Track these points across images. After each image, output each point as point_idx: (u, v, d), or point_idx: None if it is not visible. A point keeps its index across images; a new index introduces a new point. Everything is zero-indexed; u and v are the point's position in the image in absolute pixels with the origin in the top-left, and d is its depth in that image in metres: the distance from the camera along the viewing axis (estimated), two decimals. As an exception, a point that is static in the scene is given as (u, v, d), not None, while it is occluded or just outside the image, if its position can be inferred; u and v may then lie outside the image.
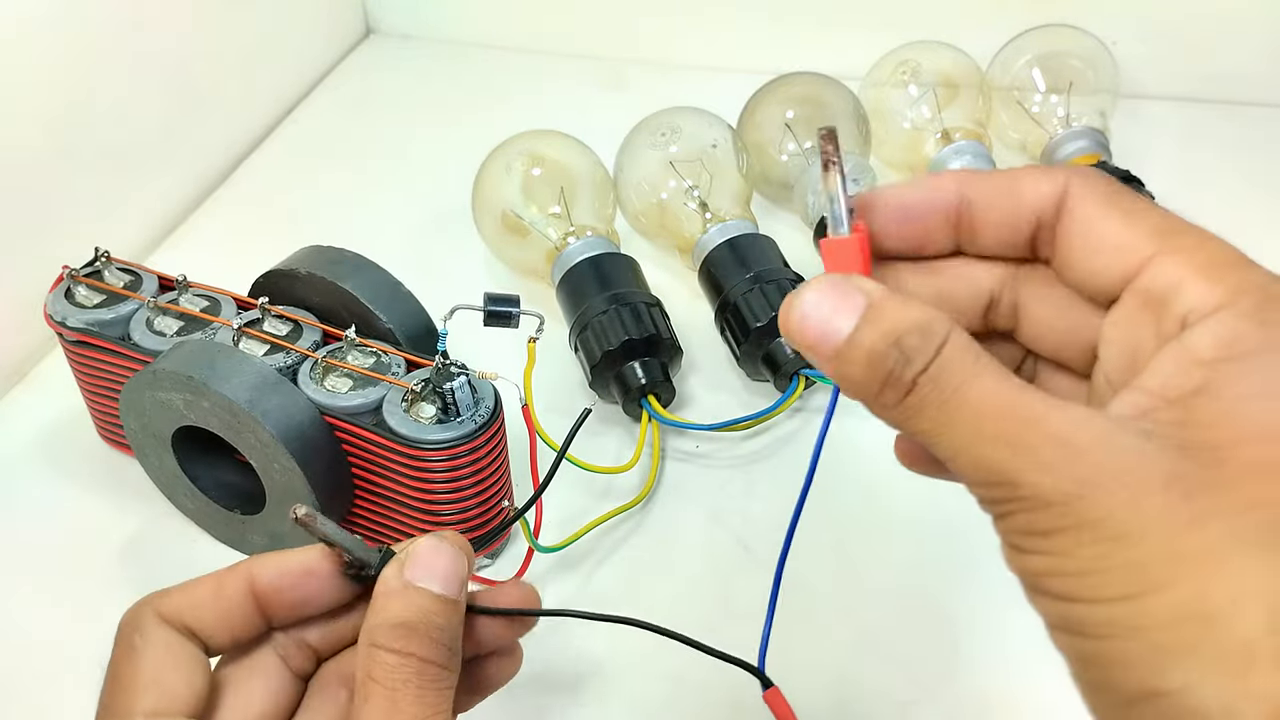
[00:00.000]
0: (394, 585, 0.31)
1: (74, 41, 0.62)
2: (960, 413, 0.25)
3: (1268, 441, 0.23)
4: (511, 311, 0.45)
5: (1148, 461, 0.23)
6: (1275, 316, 0.24)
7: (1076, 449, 0.24)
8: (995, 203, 0.29)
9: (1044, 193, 0.28)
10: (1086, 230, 0.27)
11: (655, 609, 0.47)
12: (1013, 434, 0.24)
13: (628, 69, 0.83)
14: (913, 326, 0.26)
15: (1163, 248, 0.27)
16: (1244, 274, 0.26)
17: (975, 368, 0.25)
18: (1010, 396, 0.25)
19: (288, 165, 0.77)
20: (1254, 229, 0.68)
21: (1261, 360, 0.24)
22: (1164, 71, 0.75)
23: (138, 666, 0.31)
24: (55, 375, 0.58)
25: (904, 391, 0.26)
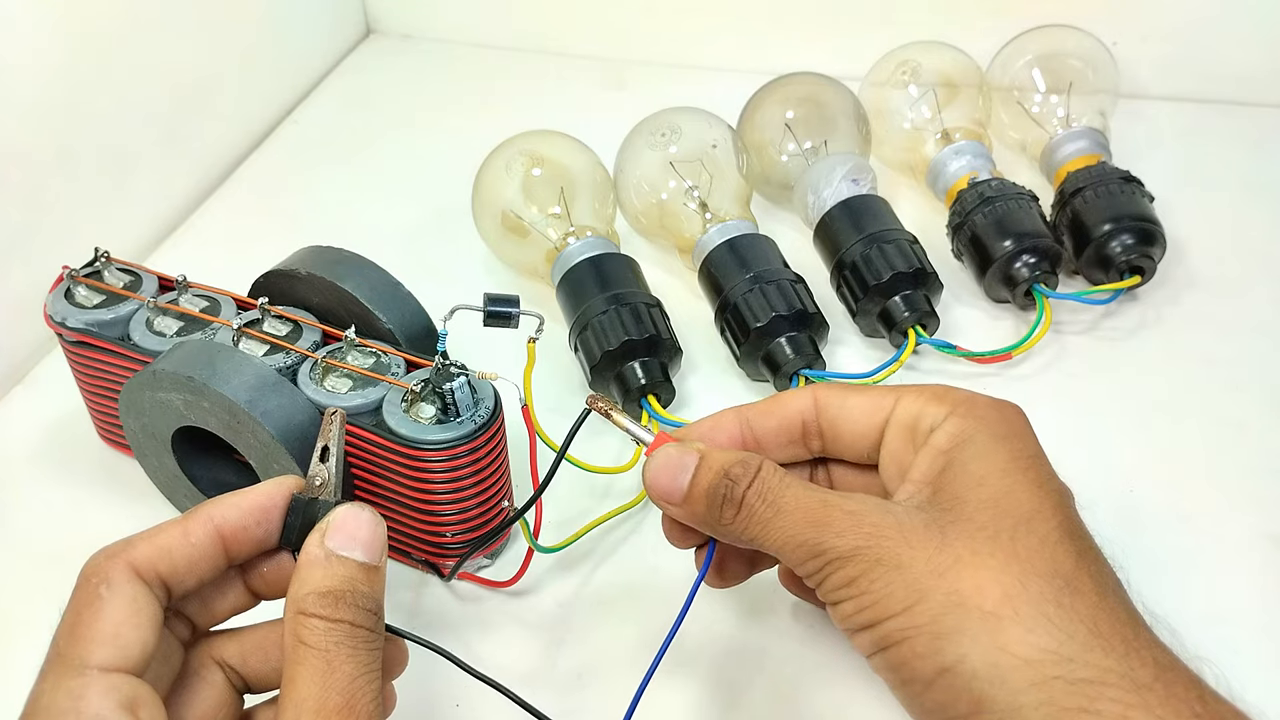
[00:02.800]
0: (317, 554, 0.33)
1: (74, 41, 0.62)
2: (779, 512, 0.35)
3: (984, 485, 0.35)
4: (511, 312, 0.45)
5: (911, 515, 0.34)
6: (979, 413, 0.37)
7: (860, 515, 0.34)
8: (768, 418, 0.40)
9: (802, 401, 0.40)
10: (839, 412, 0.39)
11: (655, 609, 0.47)
12: (817, 517, 0.35)
13: (628, 69, 0.83)
14: (735, 460, 0.37)
15: (899, 396, 0.38)
16: (956, 394, 0.38)
17: (785, 480, 0.36)
18: (812, 494, 0.35)
19: (288, 165, 0.77)
20: (1254, 229, 0.69)
21: (975, 438, 0.36)
22: (1164, 71, 0.75)
23: (99, 618, 0.31)
24: (55, 375, 0.58)
25: (736, 506, 0.36)
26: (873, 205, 0.60)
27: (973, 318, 0.60)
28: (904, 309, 0.56)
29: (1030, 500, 0.34)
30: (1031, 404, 0.55)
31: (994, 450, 0.35)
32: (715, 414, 0.41)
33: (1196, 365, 0.57)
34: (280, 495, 0.35)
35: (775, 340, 0.54)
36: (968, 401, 0.37)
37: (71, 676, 0.30)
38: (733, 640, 0.46)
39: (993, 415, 0.37)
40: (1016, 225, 0.58)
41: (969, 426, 0.36)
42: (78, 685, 0.30)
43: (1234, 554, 0.48)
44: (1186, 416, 0.55)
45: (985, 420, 0.36)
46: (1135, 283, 0.58)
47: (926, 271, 0.57)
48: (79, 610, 0.32)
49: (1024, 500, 0.34)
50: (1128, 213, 0.58)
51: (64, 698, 0.30)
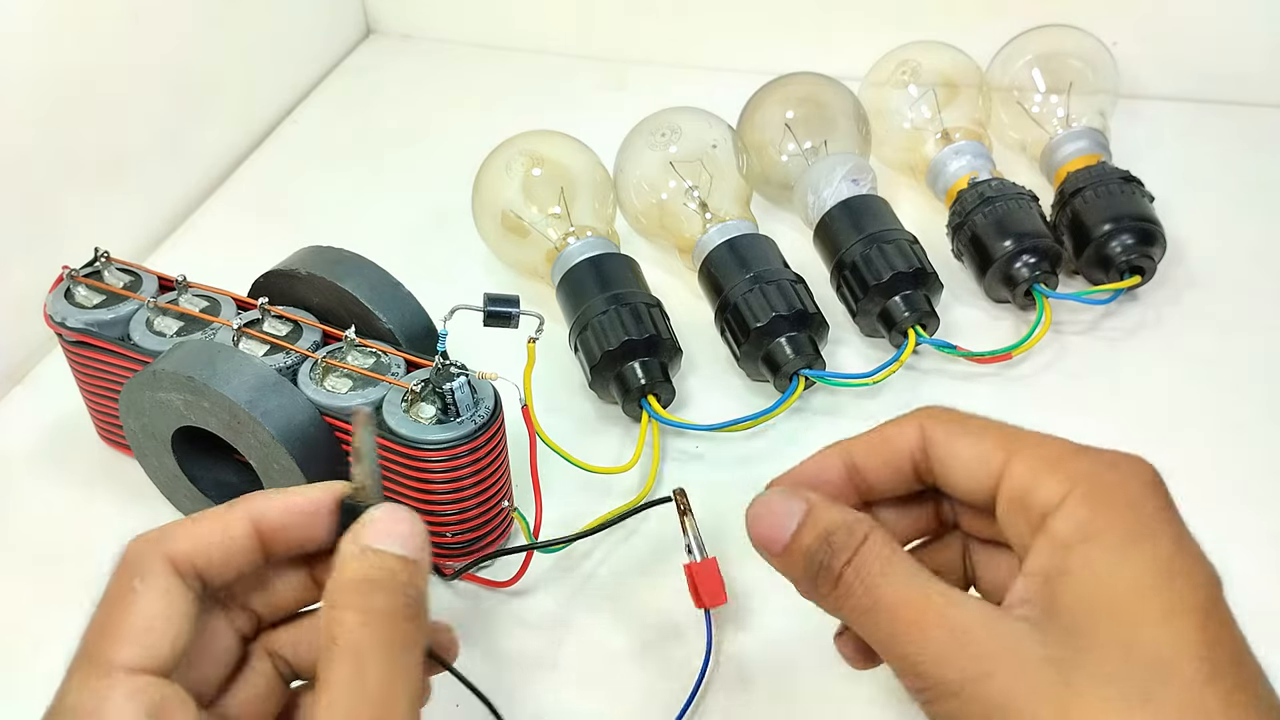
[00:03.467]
0: (352, 549, 0.31)
1: (74, 41, 0.62)
2: (876, 603, 0.31)
3: (1114, 615, 0.29)
4: (511, 312, 0.45)
5: (1029, 646, 0.29)
6: (1105, 496, 0.31)
7: (968, 637, 0.29)
8: (875, 456, 0.35)
9: (909, 437, 0.35)
10: (948, 456, 0.34)
11: (655, 609, 0.47)
12: (918, 625, 0.30)
13: (628, 69, 0.83)
14: (840, 525, 0.32)
15: (1011, 453, 0.32)
16: (1076, 463, 0.31)
17: (890, 563, 0.31)
18: (913, 590, 0.31)
19: (288, 165, 0.77)
20: (1254, 229, 0.69)
21: (1102, 539, 0.30)
22: (1164, 71, 0.75)
23: (130, 613, 0.30)
24: (55, 375, 0.58)
25: (833, 581, 0.32)
26: (873, 205, 0.60)
27: (973, 318, 0.60)
28: (904, 309, 0.56)
29: (1169, 637, 0.28)
30: (1031, 404, 0.55)
31: (1125, 560, 0.30)
32: (819, 453, 0.36)
33: (1197, 365, 0.57)
34: (327, 500, 0.33)
35: (775, 340, 0.54)
36: (1089, 478, 0.31)
37: (98, 677, 0.29)
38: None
39: (1119, 501, 0.31)
40: (1016, 225, 0.58)
41: (1094, 520, 0.30)
42: (103, 687, 0.29)
43: (1235, 554, 0.48)
44: (1186, 416, 0.55)
45: (1111, 510, 0.30)
46: (1135, 283, 0.58)
47: (926, 271, 0.57)
48: (111, 604, 0.31)
49: (1163, 638, 0.28)
50: (1128, 213, 0.58)
51: (89, 699, 0.29)
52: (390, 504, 0.33)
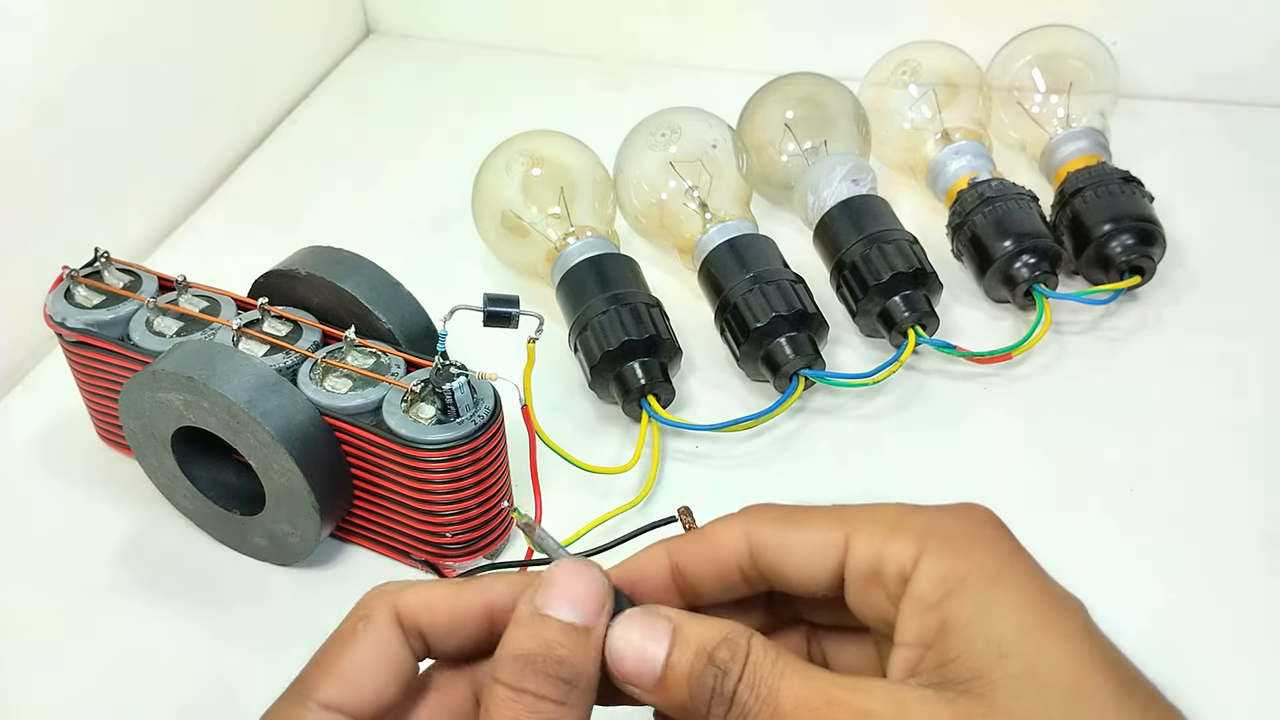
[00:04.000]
0: (524, 612, 0.30)
1: (74, 41, 0.62)
2: (777, 712, 0.28)
3: (1006, 656, 0.27)
4: (511, 312, 0.45)
5: (937, 711, 0.27)
6: (956, 545, 0.29)
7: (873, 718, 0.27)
8: (700, 563, 0.32)
9: (734, 541, 0.32)
10: (779, 555, 0.31)
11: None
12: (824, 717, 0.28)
13: (628, 69, 0.83)
14: (719, 640, 0.29)
15: (849, 530, 0.31)
16: (916, 522, 0.30)
17: (779, 666, 0.29)
18: (812, 686, 0.29)
19: (288, 165, 0.77)
20: (1254, 229, 0.69)
21: (967, 586, 0.28)
22: (1164, 71, 0.75)
23: (345, 653, 0.30)
24: (55, 375, 0.58)
25: (727, 704, 0.29)
26: (873, 205, 0.60)
27: (973, 318, 0.60)
28: (904, 309, 0.56)
29: (1067, 661, 0.28)
30: (1031, 404, 0.55)
31: (997, 599, 0.28)
32: (641, 552, 0.33)
33: (1196, 365, 0.57)
34: None
35: (775, 340, 0.54)
36: (934, 531, 0.30)
37: (293, 704, 0.30)
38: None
39: (975, 546, 0.30)
40: (1016, 225, 0.58)
41: (955, 569, 0.29)
42: (294, 714, 0.29)
43: (1234, 554, 0.48)
44: (1186, 416, 0.55)
45: (970, 555, 0.29)
46: (1135, 283, 0.58)
47: (926, 271, 0.57)
48: (333, 641, 0.31)
49: (1061, 664, 0.28)
50: (1128, 213, 0.58)
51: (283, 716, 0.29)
52: (575, 558, 0.32)
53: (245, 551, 0.50)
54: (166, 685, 0.46)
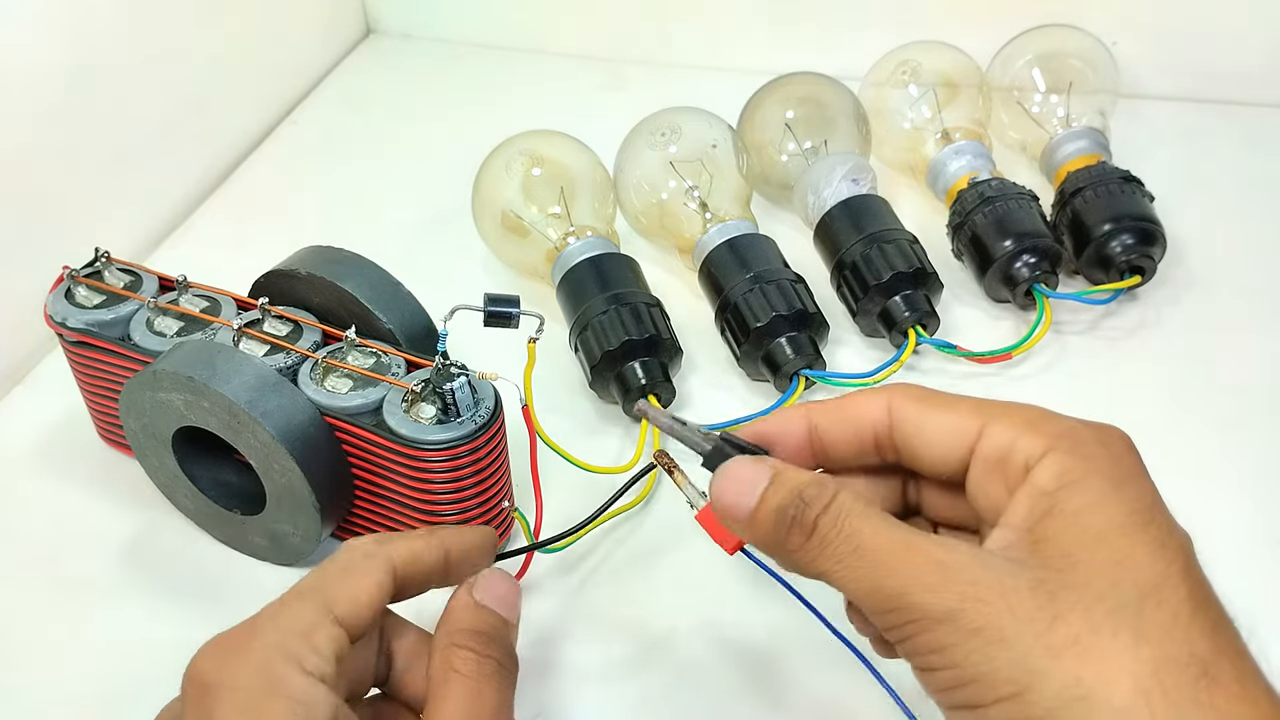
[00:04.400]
0: (468, 601, 0.38)
1: (74, 41, 0.62)
2: (856, 549, 0.31)
3: (1101, 544, 0.29)
4: (511, 312, 0.45)
5: (1014, 572, 0.29)
6: (1086, 450, 0.31)
7: (953, 568, 0.29)
8: (837, 425, 0.36)
9: (875, 411, 0.35)
10: (916, 430, 0.34)
11: (655, 609, 0.47)
12: (901, 562, 0.30)
13: (628, 69, 0.83)
14: (810, 481, 0.33)
15: (987, 420, 0.33)
16: (1054, 424, 0.32)
17: (865, 511, 0.32)
18: (894, 532, 0.31)
19: (288, 165, 0.77)
20: (1254, 229, 0.69)
21: (1085, 483, 0.30)
22: (1164, 71, 0.75)
23: (355, 582, 0.35)
24: (55, 375, 0.58)
25: (808, 532, 0.32)
26: (873, 205, 0.60)
27: (973, 318, 0.60)
28: (904, 309, 0.56)
29: (1156, 565, 0.29)
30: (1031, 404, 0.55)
31: (1110, 500, 0.30)
32: (782, 412, 0.37)
33: (1197, 365, 0.57)
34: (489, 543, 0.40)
35: (775, 340, 0.54)
36: (1069, 434, 0.32)
37: (314, 610, 0.34)
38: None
39: (1102, 455, 0.31)
40: (1016, 225, 0.58)
41: (1077, 467, 0.31)
42: (316, 619, 0.33)
43: (1234, 554, 0.48)
44: (1187, 416, 0.55)
45: (1095, 460, 0.31)
46: (1135, 283, 0.58)
47: (926, 271, 0.57)
48: (343, 569, 0.35)
49: (1148, 565, 0.29)
50: (1128, 213, 0.58)
51: (303, 619, 0.33)
52: (496, 569, 0.39)
53: (246, 551, 0.50)
54: (167, 685, 0.46)
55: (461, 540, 0.39)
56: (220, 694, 0.32)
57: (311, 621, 0.33)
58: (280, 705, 0.31)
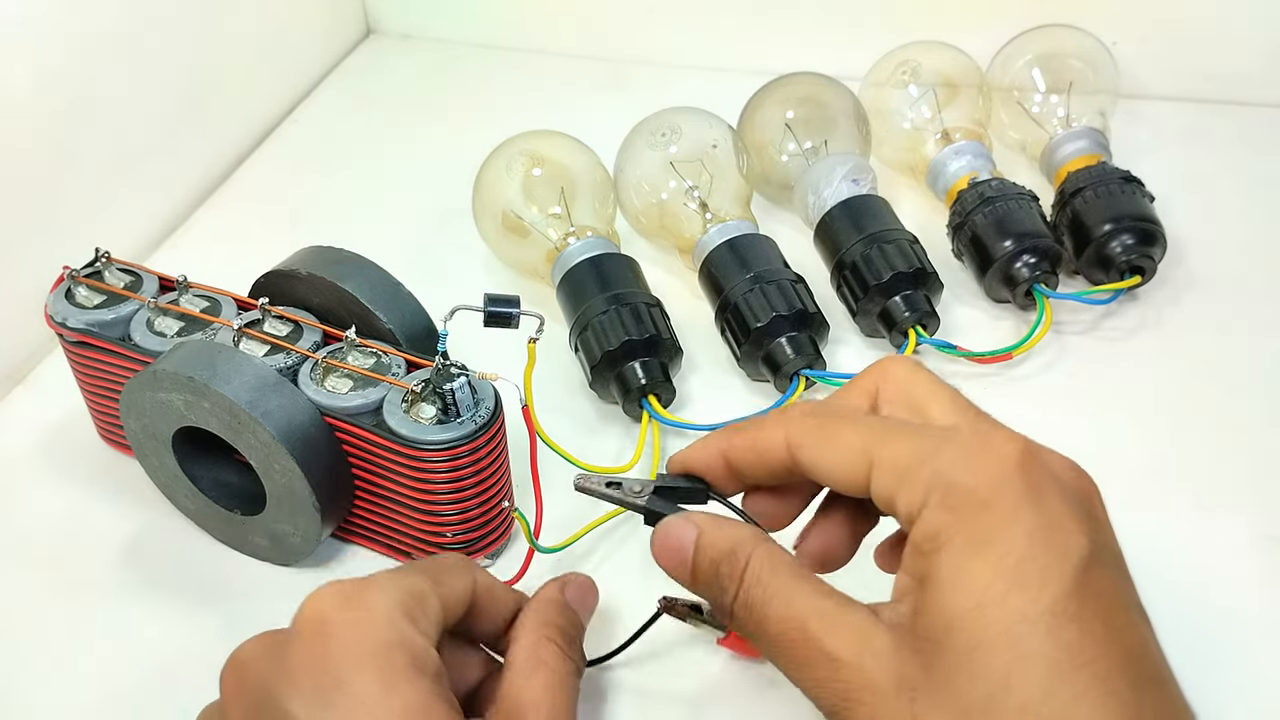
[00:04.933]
0: (558, 598, 0.41)
1: (74, 41, 0.62)
2: (764, 634, 0.33)
3: (958, 629, 0.29)
4: (511, 312, 0.45)
5: (885, 668, 0.30)
6: (954, 500, 0.31)
7: (837, 665, 0.31)
8: (748, 456, 0.37)
9: (776, 446, 0.36)
10: (815, 468, 0.35)
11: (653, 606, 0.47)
12: (795, 650, 0.32)
13: (628, 69, 0.83)
14: (725, 553, 0.35)
15: (873, 459, 0.33)
16: (929, 468, 0.32)
17: (770, 590, 0.33)
18: (794, 619, 0.32)
19: (288, 165, 0.77)
20: (1254, 229, 0.69)
21: (951, 546, 0.30)
22: (1164, 71, 0.75)
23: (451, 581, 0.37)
24: (55, 375, 0.58)
25: (729, 615, 0.34)
26: (873, 205, 0.60)
27: (973, 318, 0.60)
28: (904, 309, 0.56)
29: (1009, 648, 0.29)
30: (1031, 404, 0.55)
31: (971, 569, 0.30)
32: (702, 441, 0.39)
33: (1197, 365, 0.57)
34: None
35: (775, 340, 0.54)
36: (939, 485, 0.31)
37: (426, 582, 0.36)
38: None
39: (968, 505, 0.31)
40: (1016, 225, 0.58)
41: (947, 526, 0.31)
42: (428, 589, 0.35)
43: (1234, 554, 0.48)
44: (1187, 417, 0.55)
45: (960, 515, 0.31)
46: (1135, 283, 0.58)
47: (926, 271, 0.57)
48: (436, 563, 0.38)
49: (1001, 652, 0.29)
50: (1128, 213, 0.58)
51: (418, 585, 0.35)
52: (587, 577, 0.43)
53: (246, 551, 0.50)
54: (167, 685, 0.46)
55: (490, 583, 0.40)
56: (342, 634, 0.32)
57: (424, 589, 0.35)
58: (400, 655, 0.32)
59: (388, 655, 0.32)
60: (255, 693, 0.33)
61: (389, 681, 0.32)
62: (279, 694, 0.32)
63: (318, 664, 0.32)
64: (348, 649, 0.32)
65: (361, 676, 0.31)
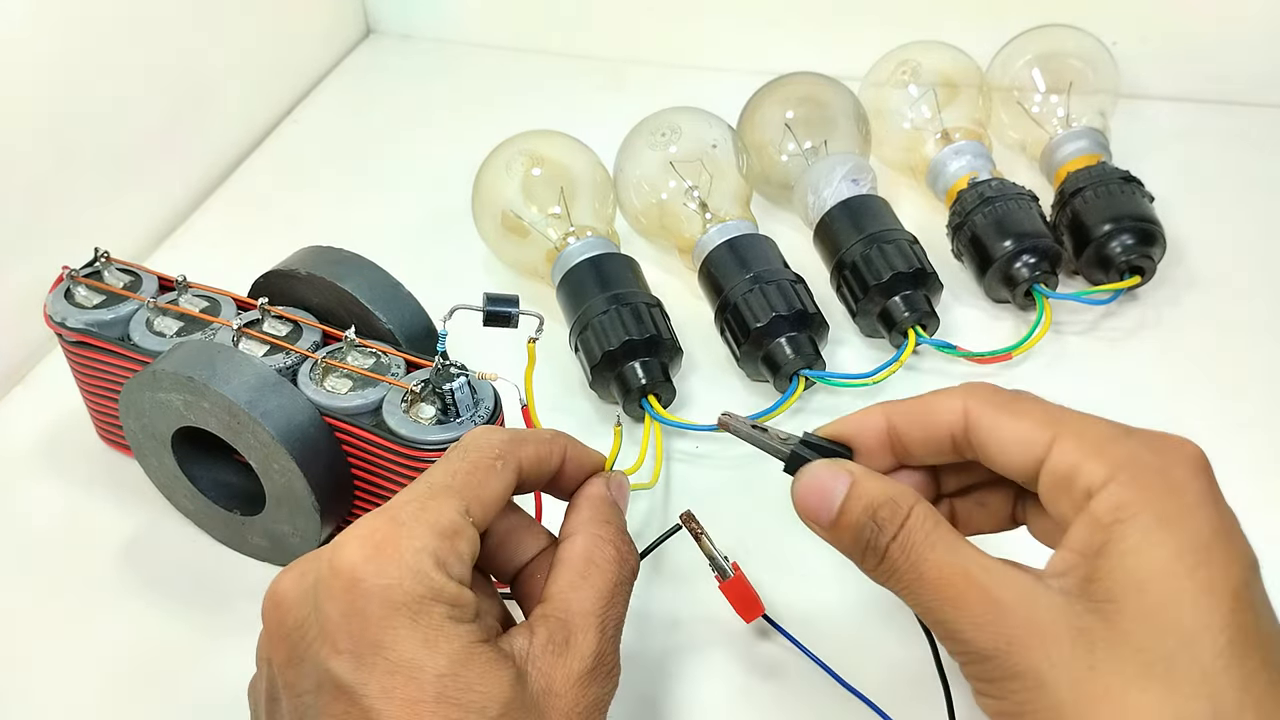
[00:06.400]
0: (607, 495, 0.40)
1: (74, 41, 0.62)
2: (920, 577, 0.33)
3: (1143, 591, 0.30)
4: (511, 311, 0.45)
5: (1059, 618, 0.30)
6: (1144, 480, 0.31)
7: (1003, 608, 0.31)
8: (915, 427, 0.36)
9: (951, 414, 0.35)
10: (990, 437, 0.35)
11: (656, 608, 0.47)
12: (957, 594, 0.32)
13: (628, 69, 0.83)
14: (884, 500, 0.34)
15: (1056, 435, 0.33)
16: (1121, 448, 0.32)
17: (932, 538, 0.33)
18: (956, 562, 0.32)
19: (288, 165, 0.77)
20: (1254, 229, 0.69)
21: (1138, 520, 0.31)
22: (1164, 71, 0.75)
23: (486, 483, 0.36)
24: (55, 375, 0.58)
25: (879, 558, 0.34)
26: (873, 205, 0.60)
27: (973, 318, 0.60)
28: (904, 309, 0.56)
29: (1196, 614, 0.30)
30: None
31: (1159, 542, 0.30)
32: (862, 411, 0.38)
33: (1197, 365, 0.57)
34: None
35: (775, 340, 0.54)
36: (1132, 462, 0.32)
37: (454, 511, 0.34)
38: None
39: (1160, 486, 0.31)
40: (1016, 225, 0.58)
41: (1132, 501, 0.31)
42: (457, 522, 0.34)
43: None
44: (1187, 417, 0.54)
45: (1152, 493, 0.31)
46: (1135, 283, 0.58)
47: (926, 271, 0.57)
48: (475, 468, 0.36)
49: (1189, 614, 0.30)
50: (1128, 213, 0.58)
51: (446, 520, 0.34)
52: (624, 474, 0.41)
53: (245, 552, 0.50)
54: (167, 685, 0.46)
55: (578, 452, 0.40)
56: (373, 592, 0.32)
57: (454, 524, 0.34)
58: (436, 608, 0.32)
59: (423, 611, 0.32)
60: (296, 641, 0.33)
61: (428, 638, 0.32)
62: (319, 651, 0.32)
63: (355, 623, 0.31)
64: (383, 608, 0.32)
65: (399, 636, 0.31)
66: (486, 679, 0.32)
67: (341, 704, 0.31)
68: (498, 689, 0.32)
